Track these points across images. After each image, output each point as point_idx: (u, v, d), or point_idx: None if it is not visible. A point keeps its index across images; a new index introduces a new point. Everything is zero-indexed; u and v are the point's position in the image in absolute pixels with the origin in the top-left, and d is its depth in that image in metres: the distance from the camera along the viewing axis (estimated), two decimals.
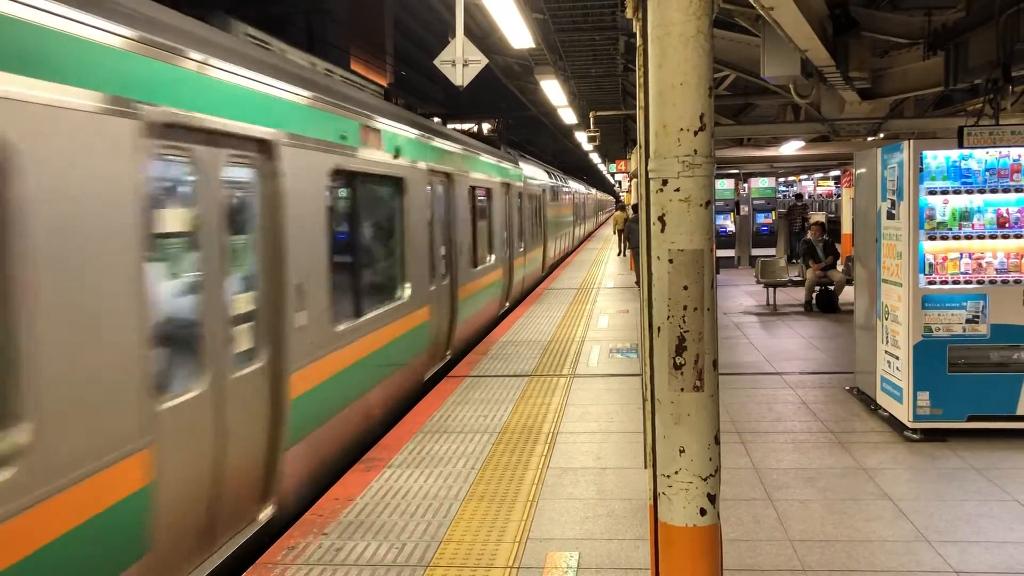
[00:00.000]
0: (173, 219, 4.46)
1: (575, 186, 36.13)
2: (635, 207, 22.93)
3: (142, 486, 3.95)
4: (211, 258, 4.75)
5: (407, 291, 8.35)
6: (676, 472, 2.92)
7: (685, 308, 2.86)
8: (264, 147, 5.40)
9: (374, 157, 7.31)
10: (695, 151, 2.82)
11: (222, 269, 4.87)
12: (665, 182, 2.85)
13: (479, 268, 12.50)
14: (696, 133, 2.81)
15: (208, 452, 4.65)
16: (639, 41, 3.09)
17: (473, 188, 12.09)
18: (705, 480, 2.90)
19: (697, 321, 2.86)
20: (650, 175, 2.91)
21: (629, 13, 3.07)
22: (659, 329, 2.92)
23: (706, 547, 2.92)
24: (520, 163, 18.23)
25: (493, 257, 13.80)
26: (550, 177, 24.80)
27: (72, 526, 3.50)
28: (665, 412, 2.92)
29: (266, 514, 5.35)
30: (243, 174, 5.24)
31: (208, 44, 4.81)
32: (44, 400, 3.31)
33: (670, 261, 2.87)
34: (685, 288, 2.85)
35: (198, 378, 4.60)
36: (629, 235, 21.64)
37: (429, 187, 9.41)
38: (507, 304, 15.56)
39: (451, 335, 10.67)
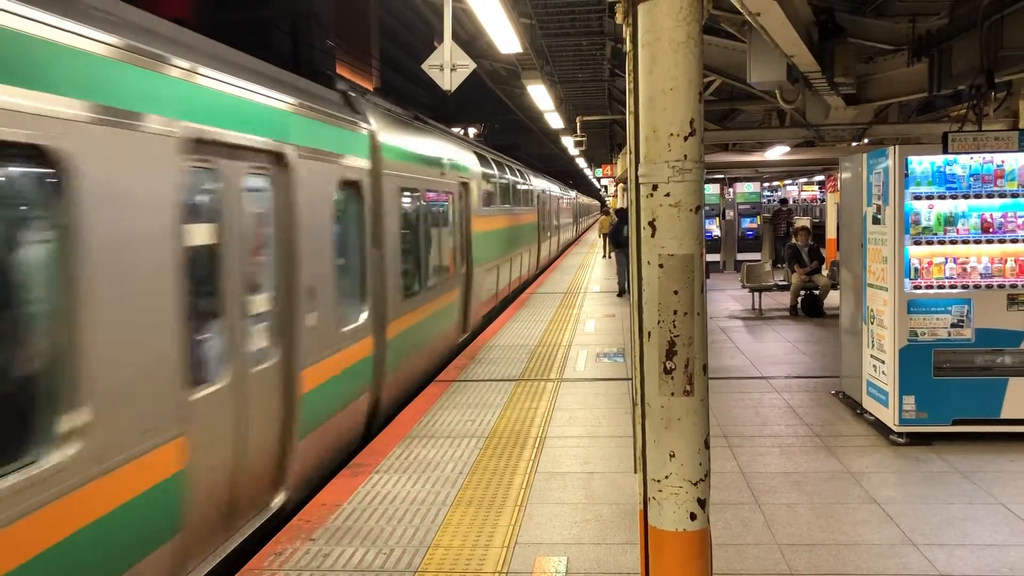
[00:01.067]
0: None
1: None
2: (619, 211, 22.76)
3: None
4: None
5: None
6: (666, 477, 2.92)
7: (675, 313, 2.86)
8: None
9: None
10: (685, 156, 2.82)
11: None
12: (655, 187, 2.85)
13: None
14: (686, 138, 2.82)
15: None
16: (629, 47, 3.09)
17: None
18: (695, 484, 2.90)
19: (687, 326, 2.86)
20: (640, 180, 2.91)
21: (619, 19, 3.08)
22: (649, 334, 2.93)
23: (696, 551, 2.92)
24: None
25: None
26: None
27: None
28: (655, 417, 2.93)
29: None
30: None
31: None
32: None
33: (660, 266, 2.87)
34: (675, 293, 2.85)
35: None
36: (614, 236, 21.14)
37: None
38: None
39: None
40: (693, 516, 2.91)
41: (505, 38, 8.52)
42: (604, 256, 28.98)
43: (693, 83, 2.83)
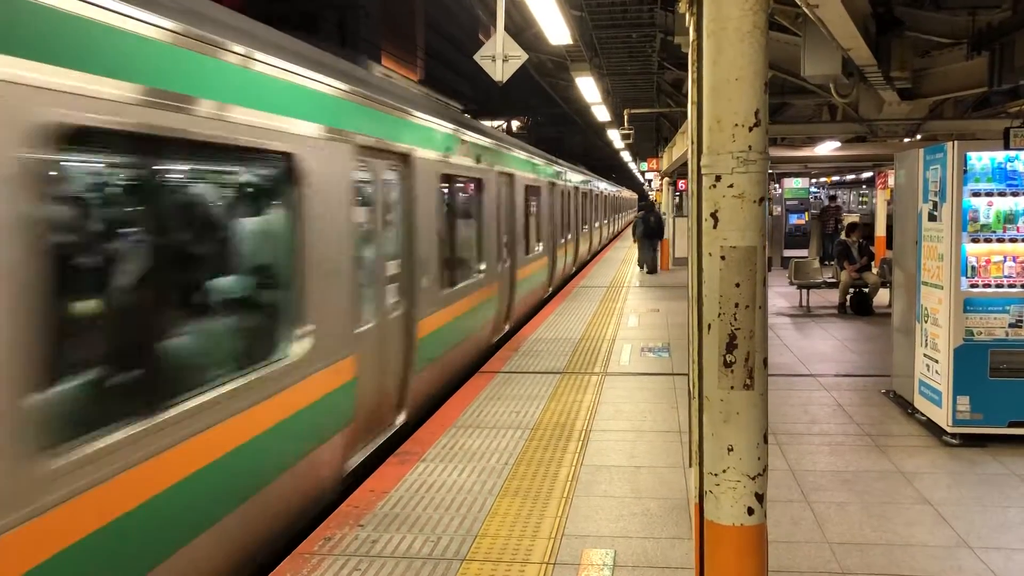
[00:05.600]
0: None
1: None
2: (650, 205, 23.82)
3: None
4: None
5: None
6: (724, 471, 2.89)
7: (737, 305, 2.83)
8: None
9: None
10: (750, 147, 2.79)
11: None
12: (718, 178, 2.82)
13: None
14: (751, 129, 2.78)
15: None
16: (692, 36, 3.06)
17: None
18: (753, 479, 2.87)
19: (748, 319, 2.83)
20: (703, 171, 2.88)
21: (683, 8, 3.05)
22: (709, 326, 2.90)
23: (753, 546, 2.89)
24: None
25: None
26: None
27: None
28: (714, 410, 2.90)
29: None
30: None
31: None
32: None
33: (722, 258, 2.84)
34: (737, 285, 2.82)
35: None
36: (636, 227, 22.85)
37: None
38: None
39: None
40: (751, 511, 2.88)
41: (556, 29, 8.50)
42: (633, 241, 28.89)
43: (759, 73, 2.79)
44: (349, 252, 6.03)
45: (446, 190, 9.11)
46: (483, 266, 10.65)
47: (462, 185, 10.08)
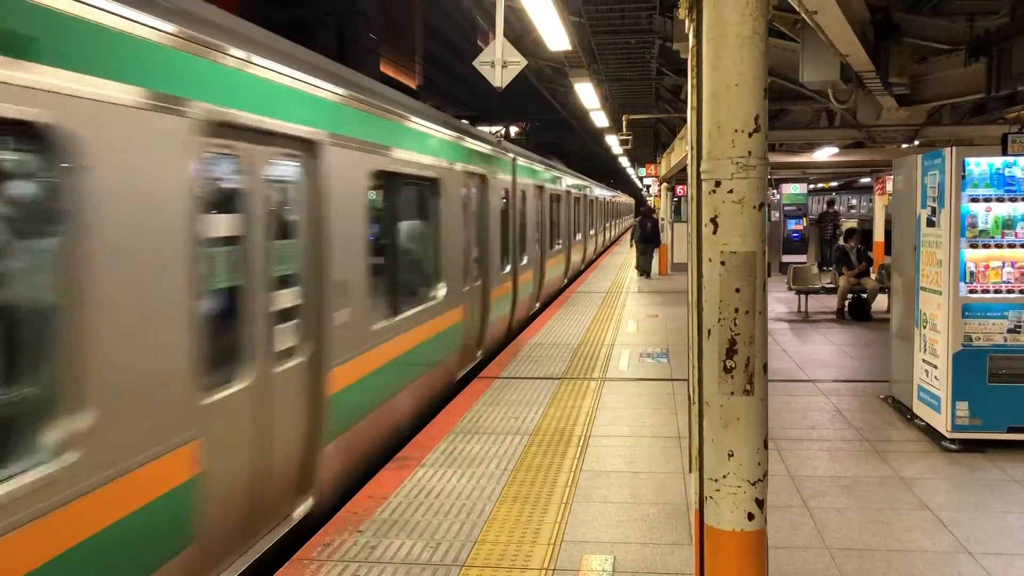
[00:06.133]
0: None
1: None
2: (647, 210, 24.45)
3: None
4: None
5: None
6: (724, 476, 2.89)
7: (736, 311, 2.84)
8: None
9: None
10: (749, 152, 2.80)
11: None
12: (718, 183, 2.83)
13: None
14: (751, 134, 2.79)
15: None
16: (692, 42, 3.07)
17: None
18: (754, 485, 2.88)
19: (748, 324, 2.84)
20: (702, 176, 2.89)
21: (682, 14, 3.06)
22: (709, 332, 2.90)
23: (753, 552, 2.89)
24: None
25: None
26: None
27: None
28: (714, 416, 2.90)
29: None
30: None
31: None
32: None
33: (722, 263, 2.85)
34: (737, 291, 2.83)
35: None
36: (634, 233, 23.67)
37: None
38: None
39: None
40: (751, 516, 2.88)
41: (555, 35, 8.51)
42: (630, 246, 28.97)
43: (758, 79, 2.80)
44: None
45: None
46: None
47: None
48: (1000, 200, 6.74)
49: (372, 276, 6.55)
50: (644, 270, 22.67)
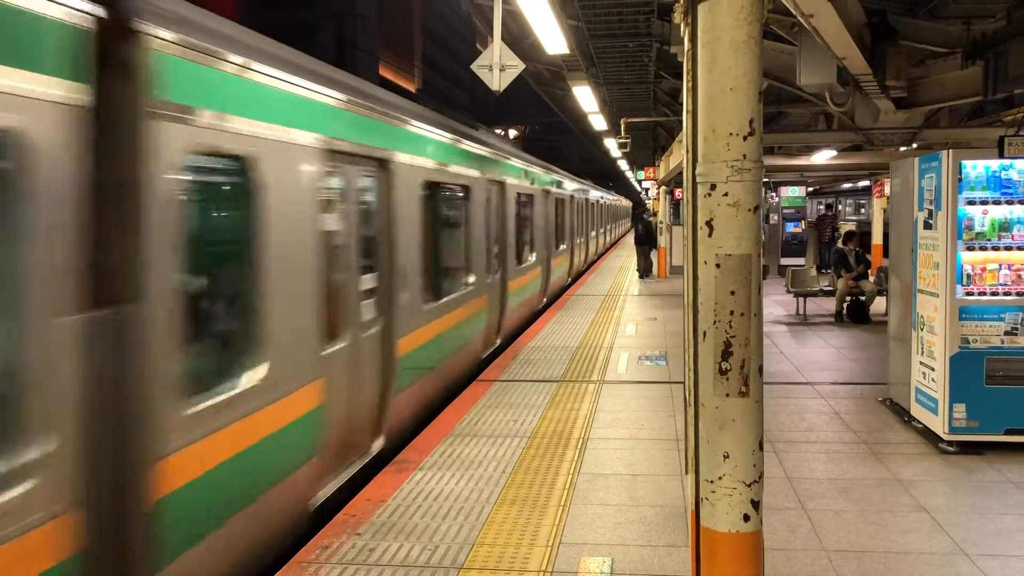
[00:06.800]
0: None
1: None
2: (640, 213, 25.27)
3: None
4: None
5: None
6: (720, 478, 2.91)
7: (732, 313, 2.85)
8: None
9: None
10: (744, 156, 2.81)
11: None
12: (713, 186, 2.85)
13: None
14: (745, 138, 2.81)
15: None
16: (687, 46, 3.09)
17: None
18: (749, 486, 2.89)
19: (744, 326, 2.85)
20: (698, 179, 2.91)
21: (678, 18, 3.08)
22: (704, 334, 2.92)
23: (749, 553, 2.91)
24: None
25: None
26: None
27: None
28: (709, 417, 2.92)
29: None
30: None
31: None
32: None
33: (717, 266, 2.86)
34: (732, 293, 2.84)
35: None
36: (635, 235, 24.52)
37: None
38: None
39: None
40: (747, 517, 2.90)
41: (553, 39, 8.53)
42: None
43: (753, 83, 2.82)
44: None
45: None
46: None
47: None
48: (997, 203, 6.76)
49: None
50: (639, 270, 23.41)
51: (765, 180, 21.34)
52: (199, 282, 4.30)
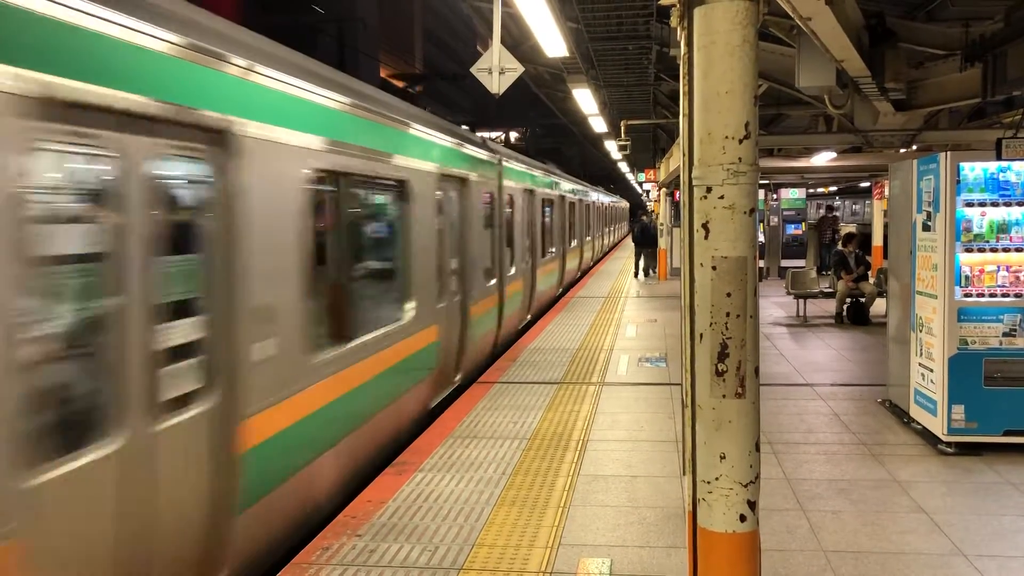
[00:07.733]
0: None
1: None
2: (642, 215, 25.64)
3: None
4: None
5: None
6: (716, 478, 2.93)
7: (728, 315, 2.87)
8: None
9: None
10: (740, 159, 2.84)
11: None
12: (709, 189, 2.87)
13: None
14: (741, 141, 2.83)
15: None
16: (683, 50, 3.11)
17: None
18: (746, 487, 2.91)
19: (740, 328, 2.87)
20: (694, 182, 2.93)
21: (674, 22, 3.10)
22: (701, 336, 2.94)
23: (746, 553, 2.92)
24: None
25: None
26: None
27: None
28: (706, 418, 2.94)
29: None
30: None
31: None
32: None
33: (713, 268, 2.88)
34: (728, 295, 2.87)
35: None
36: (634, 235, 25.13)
37: None
38: None
39: None
40: (743, 518, 2.91)
41: (552, 42, 8.56)
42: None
43: (748, 86, 2.84)
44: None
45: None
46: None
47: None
48: (995, 204, 6.78)
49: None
50: (635, 271, 24.33)
51: (765, 182, 21.36)
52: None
